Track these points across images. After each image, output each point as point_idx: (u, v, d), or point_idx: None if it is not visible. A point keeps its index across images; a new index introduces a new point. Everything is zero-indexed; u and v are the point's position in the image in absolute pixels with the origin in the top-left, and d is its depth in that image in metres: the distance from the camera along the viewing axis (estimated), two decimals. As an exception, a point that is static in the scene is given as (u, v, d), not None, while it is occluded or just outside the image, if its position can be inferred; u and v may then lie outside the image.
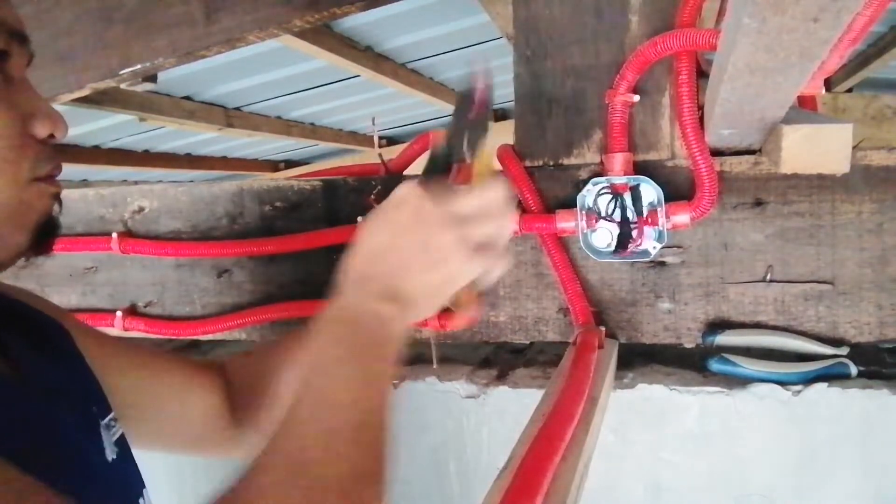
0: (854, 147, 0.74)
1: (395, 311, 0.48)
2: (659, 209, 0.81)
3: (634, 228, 0.82)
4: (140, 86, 1.60)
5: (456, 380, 0.89)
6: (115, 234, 1.03)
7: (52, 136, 0.50)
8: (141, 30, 1.15)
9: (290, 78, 2.60)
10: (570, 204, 0.86)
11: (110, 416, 0.58)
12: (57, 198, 0.51)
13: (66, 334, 0.61)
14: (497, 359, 0.97)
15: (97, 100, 2.04)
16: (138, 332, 1.05)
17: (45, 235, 0.50)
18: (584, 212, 0.84)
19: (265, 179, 1.02)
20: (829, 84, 2.98)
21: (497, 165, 0.90)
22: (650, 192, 0.82)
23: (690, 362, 0.88)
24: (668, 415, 0.81)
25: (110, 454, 0.55)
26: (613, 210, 0.83)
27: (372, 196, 0.92)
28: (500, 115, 4.15)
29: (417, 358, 0.98)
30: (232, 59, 2.15)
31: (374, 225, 0.51)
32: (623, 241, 0.82)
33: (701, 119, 0.79)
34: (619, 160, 0.83)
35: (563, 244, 0.88)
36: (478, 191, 0.52)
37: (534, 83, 0.89)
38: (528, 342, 1.01)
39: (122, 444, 0.58)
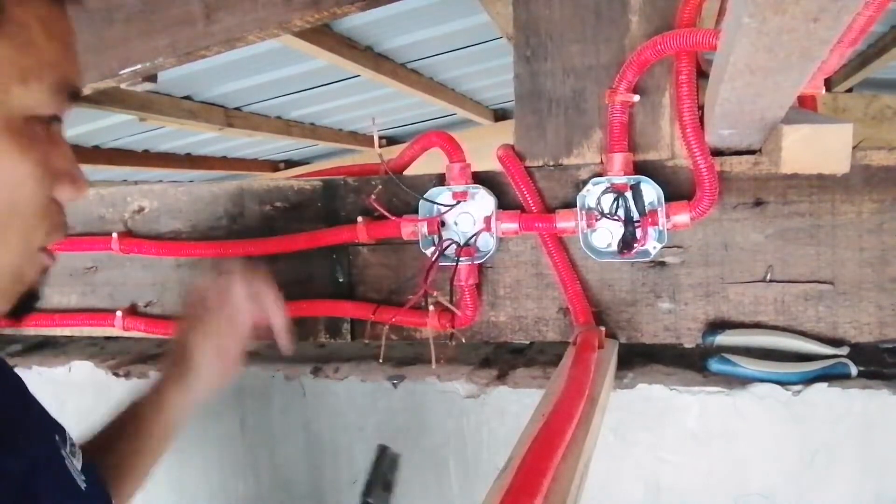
0: (854, 147, 0.74)
1: None
2: (659, 209, 0.81)
3: (638, 228, 0.82)
4: (140, 86, 1.60)
5: (456, 380, 0.89)
6: (115, 234, 1.03)
7: (70, 199, 0.48)
8: (141, 30, 1.15)
9: (290, 78, 2.60)
10: (570, 204, 0.86)
11: (70, 441, 0.55)
12: (46, 270, 0.49)
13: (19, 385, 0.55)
14: (497, 359, 0.97)
15: (97, 100, 2.04)
16: (138, 332, 1.05)
17: (24, 307, 0.48)
18: (584, 212, 0.84)
19: (265, 179, 1.02)
20: (829, 84, 2.98)
21: (498, 166, 0.90)
22: (650, 191, 0.82)
23: (690, 362, 0.88)
24: (668, 415, 0.81)
25: (81, 483, 0.52)
26: (616, 210, 0.83)
27: (372, 196, 0.92)
28: (500, 115, 4.16)
29: (417, 358, 0.98)
30: (232, 59, 2.15)
31: None
32: (628, 241, 0.82)
33: (701, 119, 0.79)
34: (619, 160, 0.83)
35: (563, 244, 0.88)
36: None
37: (534, 83, 0.89)
38: (528, 342, 1.01)
39: (89, 471, 0.54)
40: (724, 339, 0.83)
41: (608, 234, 0.84)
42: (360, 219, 0.93)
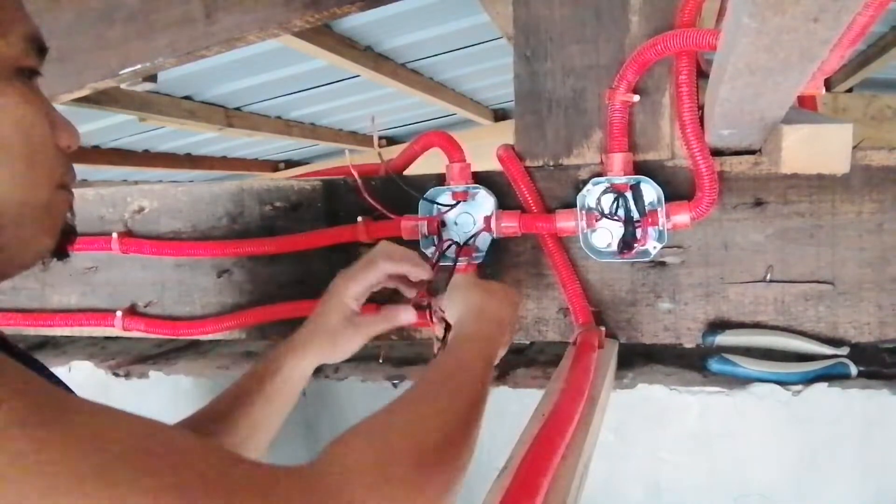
0: (854, 147, 0.74)
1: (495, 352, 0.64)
2: (659, 209, 0.81)
3: (638, 228, 0.82)
4: (140, 86, 1.60)
5: (456, 380, 0.89)
6: (115, 234, 1.03)
7: (68, 146, 0.53)
8: (141, 30, 1.15)
9: (290, 78, 2.60)
10: (570, 204, 0.86)
11: None
12: (71, 205, 0.55)
13: (45, 368, 0.59)
14: (497, 359, 0.97)
15: (97, 100, 2.04)
16: (138, 331, 1.05)
17: (65, 240, 0.54)
18: (584, 212, 0.83)
19: (265, 179, 1.02)
20: (829, 84, 2.97)
21: (498, 166, 0.90)
22: (650, 192, 0.82)
23: (690, 362, 0.88)
24: (668, 415, 0.81)
25: None
26: (616, 210, 0.83)
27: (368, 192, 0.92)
28: (501, 115, 4.16)
29: (417, 358, 0.98)
30: (232, 59, 2.14)
31: (476, 299, 0.68)
32: (628, 241, 0.82)
33: (701, 119, 0.79)
34: (619, 160, 0.83)
35: (563, 244, 0.88)
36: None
37: (534, 83, 0.89)
38: (528, 342, 1.01)
39: None
40: (724, 339, 0.83)
41: (608, 234, 0.84)
42: (360, 219, 0.93)
